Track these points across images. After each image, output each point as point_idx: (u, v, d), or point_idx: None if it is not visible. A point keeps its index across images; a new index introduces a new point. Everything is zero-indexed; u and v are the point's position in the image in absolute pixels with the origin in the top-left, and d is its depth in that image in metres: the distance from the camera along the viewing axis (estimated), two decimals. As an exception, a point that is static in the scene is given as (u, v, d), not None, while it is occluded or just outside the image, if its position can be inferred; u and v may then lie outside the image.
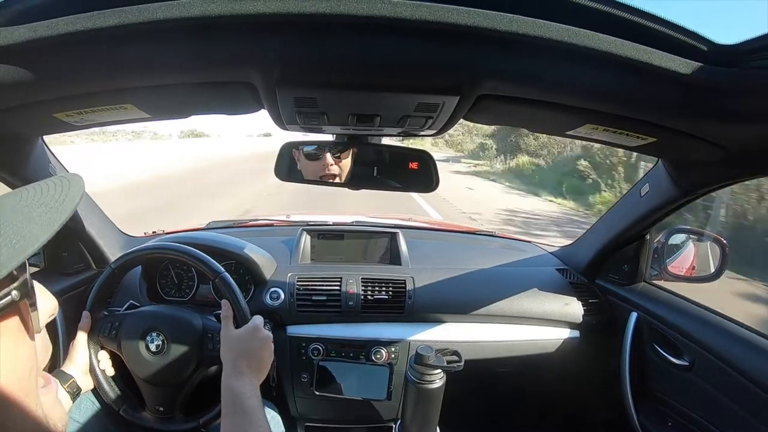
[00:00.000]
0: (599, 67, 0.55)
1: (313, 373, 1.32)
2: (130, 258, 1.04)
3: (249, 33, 0.52)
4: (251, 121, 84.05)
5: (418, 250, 1.54)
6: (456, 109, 0.68)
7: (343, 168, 0.97)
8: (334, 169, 0.97)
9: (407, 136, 0.97)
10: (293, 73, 0.59)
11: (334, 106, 0.73)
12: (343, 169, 0.97)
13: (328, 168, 0.97)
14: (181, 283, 1.40)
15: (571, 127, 0.74)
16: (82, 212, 1.20)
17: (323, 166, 0.97)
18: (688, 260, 1.25)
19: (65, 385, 0.91)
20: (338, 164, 0.97)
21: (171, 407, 1.01)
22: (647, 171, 1.15)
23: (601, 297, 1.39)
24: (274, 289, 1.33)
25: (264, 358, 0.88)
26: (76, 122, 0.75)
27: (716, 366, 0.99)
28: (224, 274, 0.99)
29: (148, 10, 0.48)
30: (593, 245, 1.41)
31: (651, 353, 1.20)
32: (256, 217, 1.94)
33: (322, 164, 0.97)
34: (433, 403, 1.01)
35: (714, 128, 0.66)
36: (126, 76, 0.60)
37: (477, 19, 0.49)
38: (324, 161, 0.97)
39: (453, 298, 1.36)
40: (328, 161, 0.97)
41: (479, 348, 1.32)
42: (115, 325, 1.01)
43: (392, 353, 1.30)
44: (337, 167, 0.97)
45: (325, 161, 0.97)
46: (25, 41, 0.50)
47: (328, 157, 0.97)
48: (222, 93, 0.68)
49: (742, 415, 0.93)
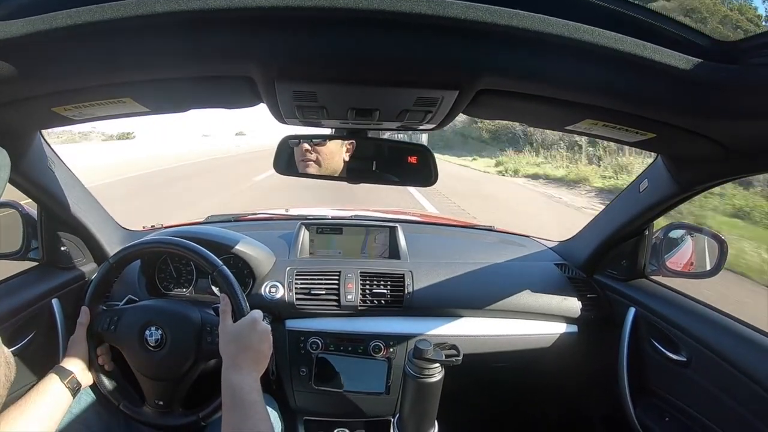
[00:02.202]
0: (599, 63, 0.55)
1: (311, 367, 1.32)
2: (129, 252, 1.04)
3: (248, 27, 0.52)
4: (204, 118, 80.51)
5: (417, 245, 1.54)
6: (455, 103, 0.68)
7: (324, 157, 0.97)
8: (308, 155, 0.98)
9: (406, 130, 0.97)
10: (292, 67, 0.59)
11: (333, 100, 0.72)
12: (325, 158, 0.97)
13: (303, 153, 0.98)
14: (180, 277, 1.40)
15: (570, 122, 0.74)
16: (80, 206, 1.20)
17: (301, 153, 0.98)
18: (687, 256, 1.25)
19: (65, 380, 0.92)
20: (316, 151, 0.97)
21: (170, 401, 1.02)
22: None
23: (600, 292, 1.39)
24: (273, 283, 1.33)
25: (263, 352, 0.88)
26: (75, 116, 0.75)
27: (713, 362, 0.99)
28: (222, 268, 0.99)
29: (146, 3, 0.48)
30: (592, 240, 1.42)
31: (649, 349, 1.20)
32: (254, 211, 1.94)
33: (300, 150, 0.98)
34: (431, 397, 1.01)
35: (713, 125, 0.66)
36: (124, 70, 0.60)
37: (477, 14, 0.48)
38: (301, 147, 0.98)
39: (452, 293, 1.37)
40: (304, 146, 0.97)
41: (478, 342, 1.33)
42: (114, 319, 1.01)
43: (391, 347, 1.30)
44: (313, 153, 0.97)
45: (302, 147, 0.98)
46: (23, 35, 0.49)
47: (304, 144, 0.98)
48: (221, 87, 0.67)
49: (738, 411, 0.93)
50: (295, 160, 0.99)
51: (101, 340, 1.02)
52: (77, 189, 1.20)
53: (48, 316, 1.14)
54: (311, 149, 0.97)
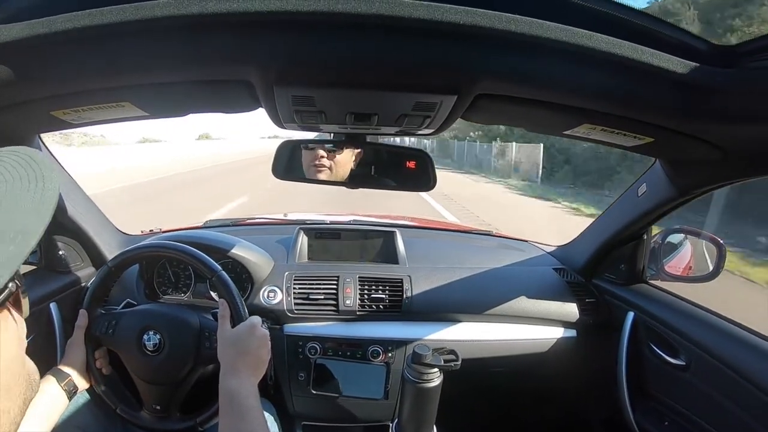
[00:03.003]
0: (597, 67, 0.55)
1: (310, 372, 1.32)
2: (127, 257, 1.04)
3: (246, 31, 0.52)
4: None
5: (416, 249, 1.54)
6: (453, 108, 0.68)
7: (337, 164, 0.97)
8: (324, 161, 0.97)
9: (405, 135, 0.97)
10: (291, 71, 0.59)
11: (332, 104, 0.73)
12: (337, 165, 0.97)
13: (318, 159, 0.98)
14: (179, 282, 1.39)
15: (568, 127, 0.75)
16: (79, 210, 1.20)
17: (314, 157, 0.98)
18: (685, 260, 1.26)
19: (62, 383, 0.91)
20: (331, 158, 0.97)
21: (168, 406, 1.01)
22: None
23: (598, 296, 1.39)
24: (272, 287, 1.33)
25: (261, 357, 0.88)
26: (74, 120, 0.75)
27: (713, 365, 0.99)
28: (221, 273, 0.99)
29: (145, 7, 0.48)
30: (590, 245, 1.42)
31: (648, 353, 1.20)
32: (253, 216, 1.94)
33: (314, 155, 0.98)
34: (430, 402, 1.00)
35: (711, 129, 0.66)
36: (123, 74, 0.60)
37: (475, 19, 0.49)
38: (316, 152, 0.97)
39: (450, 298, 1.36)
40: (319, 153, 0.97)
41: (476, 347, 1.32)
42: (112, 323, 1.01)
43: (389, 352, 1.30)
44: (328, 161, 0.97)
45: (317, 152, 0.97)
46: (23, 38, 0.49)
47: (319, 150, 0.97)
48: (219, 91, 0.67)
49: (738, 415, 0.93)
50: (303, 165, 0.99)
51: (99, 343, 1.02)
52: (76, 193, 1.20)
53: (46, 320, 1.13)
54: (327, 156, 0.98)
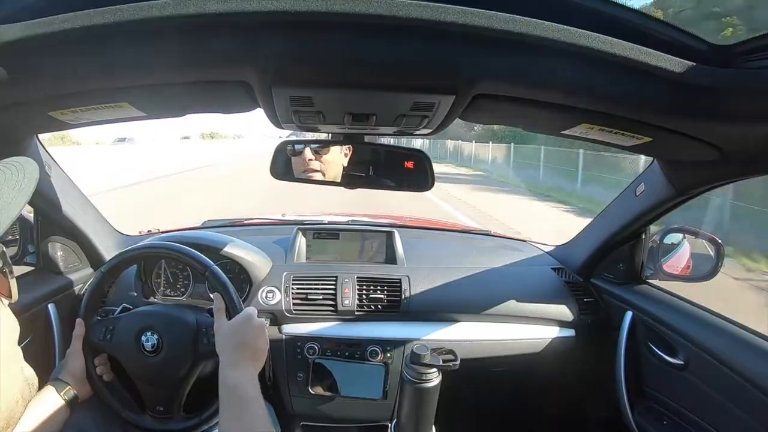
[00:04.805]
0: (595, 67, 0.55)
1: (308, 372, 1.31)
2: (121, 260, 1.04)
3: (244, 31, 0.52)
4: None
5: (414, 249, 1.54)
6: (451, 108, 0.68)
7: (327, 164, 0.97)
8: (313, 164, 0.97)
9: (403, 135, 0.97)
10: (289, 72, 0.59)
11: (330, 105, 0.72)
12: (328, 165, 0.97)
13: (307, 163, 0.97)
14: (176, 283, 1.39)
15: (566, 127, 0.75)
16: (76, 211, 1.19)
17: (303, 162, 0.98)
18: (684, 259, 1.26)
19: (61, 392, 0.91)
20: (319, 160, 0.97)
21: (171, 406, 1.01)
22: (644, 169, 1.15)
23: (597, 296, 1.39)
24: (270, 288, 1.33)
25: (259, 347, 0.87)
26: (71, 120, 0.74)
27: (711, 365, 0.99)
28: (213, 267, 0.99)
29: (143, 8, 0.48)
30: (589, 245, 1.42)
31: (646, 352, 1.20)
32: (251, 216, 1.94)
33: (302, 157, 0.97)
34: (428, 402, 1.00)
35: (709, 128, 0.66)
36: (121, 75, 0.60)
37: (473, 19, 0.49)
38: (304, 155, 0.97)
39: (449, 298, 1.36)
40: (306, 156, 0.97)
41: (475, 347, 1.32)
42: (110, 328, 1.01)
43: (388, 352, 1.30)
44: (318, 163, 0.97)
45: (304, 155, 0.97)
46: (20, 39, 0.49)
47: (306, 153, 0.97)
48: (218, 92, 0.67)
49: (736, 414, 0.93)
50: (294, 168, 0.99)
51: (98, 350, 1.01)
52: (73, 193, 1.20)
53: (44, 321, 1.13)
54: (314, 158, 0.97)
